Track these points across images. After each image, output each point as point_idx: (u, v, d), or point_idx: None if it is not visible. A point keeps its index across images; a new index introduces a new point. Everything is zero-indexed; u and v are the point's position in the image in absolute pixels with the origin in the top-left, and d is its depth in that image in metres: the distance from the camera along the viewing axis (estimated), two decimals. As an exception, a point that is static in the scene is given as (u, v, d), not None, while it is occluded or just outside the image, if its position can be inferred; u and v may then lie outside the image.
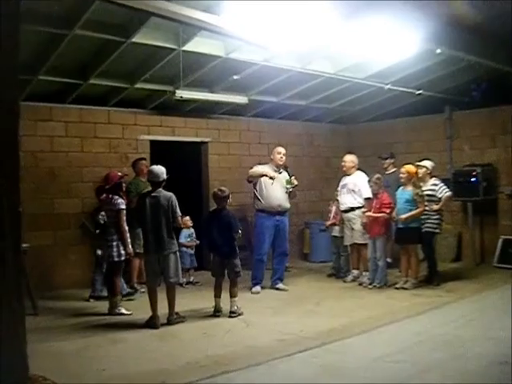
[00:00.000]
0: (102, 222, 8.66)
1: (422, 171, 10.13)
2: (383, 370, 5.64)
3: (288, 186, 9.88)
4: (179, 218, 7.83)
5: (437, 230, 10.06)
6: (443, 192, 10.00)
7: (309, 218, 13.40)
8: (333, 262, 11.20)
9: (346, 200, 10.42)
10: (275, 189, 9.84)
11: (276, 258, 10.10)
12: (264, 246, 9.86)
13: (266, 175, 9.81)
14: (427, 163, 10.27)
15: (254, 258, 10.04)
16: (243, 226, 9.30)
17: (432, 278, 10.00)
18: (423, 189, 9.89)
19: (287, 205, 10.05)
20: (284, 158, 10.06)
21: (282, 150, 10.09)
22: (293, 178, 9.99)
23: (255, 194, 9.96)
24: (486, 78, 11.52)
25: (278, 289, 9.90)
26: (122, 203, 8.26)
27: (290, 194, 10.02)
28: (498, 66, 10.21)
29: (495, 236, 11.72)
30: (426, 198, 9.82)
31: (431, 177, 10.23)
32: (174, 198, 7.75)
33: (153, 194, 7.78)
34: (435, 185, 10.08)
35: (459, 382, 5.27)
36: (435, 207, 9.90)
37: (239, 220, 8.68)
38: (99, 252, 8.94)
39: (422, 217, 9.75)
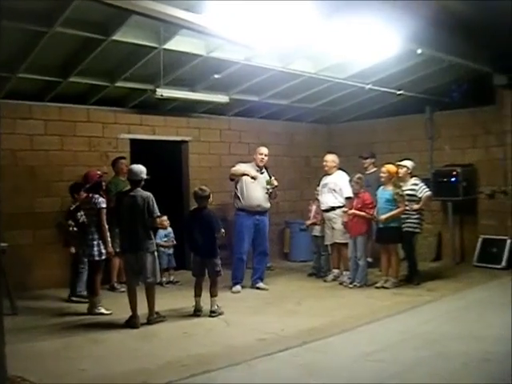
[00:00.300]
0: (80, 221, 8.58)
1: (402, 171, 10.18)
2: (365, 369, 5.66)
3: (268, 187, 9.88)
4: (156, 219, 7.79)
5: (417, 230, 10.11)
6: (423, 192, 10.04)
7: (289, 218, 13.41)
8: (313, 262, 11.22)
9: (327, 199, 10.43)
10: (255, 189, 9.84)
11: (256, 258, 10.10)
12: (244, 245, 9.85)
13: (248, 175, 9.81)
14: (408, 163, 10.31)
15: (233, 258, 10.03)
16: (224, 226, 9.26)
17: (412, 278, 10.05)
18: (404, 188, 9.94)
19: (267, 205, 10.05)
20: (266, 158, 10.05)
21: (263, 150, 10.08)
22: (273, 178, 9.99)
23: (235, 193, 9.95)
24: (466, 79, 11.59)
25: (258, 288, 9.89)
26: (102, 202, 8.22)
27: (271, 195, 10.01)
28: (478, 67, 10.29)
29: (475, 235, 11.81)
30: (407, 197, 9.87)
31: (412, 176, 10.28)
32: (151, 197, 7.68)
33: (130, 194, 7.74)
34: (415, 184, 10.13)
35: (441, 379, 5.29)
36: (415, 207, 9.95)
37: (220, 219, 8.63)
38: (73, 250, 8.89)
39: (403, 216, 9.80)
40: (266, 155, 10.04)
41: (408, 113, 12.78)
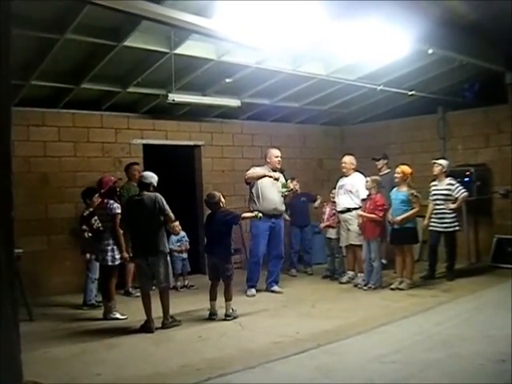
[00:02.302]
0: (95, 226, 8.59)
1: (437, 169, 10.36)
2: (380, 371, 5.63)
3: (283, 190, 9.86)
4: (171, 215, 7.70)
5: (457, 228, 10.38)
6: (460, 192, 10.14)
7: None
8: (328, 264, 11.21)
9: (343, 201, 10.39)
10: (271, 192, 9.82)
11: (271, 261, 10.05)
12: (259, 248, 9.81)
13: (270, 176, 9.78)
14: (443, 162, 10.41)
15: (249, 261, 10.01)
16: (237, 229, 9.27)
17: (450, 274, 10.39)
18: (439, 187, 10.21)
19: (282, 208, 10.03)
20: (280, 159, 10.03)
21: (278, 152, 10.07)
22: (289, 181, 9.98)
23: (251, 197, 9.93)
24: (478, 78, 11.55)
25: (273, 291, 9.87)
26: (117, 207, 8.23)
27: (286, 198, 10.01)
28: (490, 66, 10.24)
29: (490, 235, 11.75)
30: (443, 197, 10.12)
31: (446, 176, 10.33)
32: (159, 197, 7.63)
33: (137, 198, 7.76)
34: (451, 184, 10.24)
35: (456, 381, 5.27)
36: (452, 206, 10.12)
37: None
38: (88, 256, 8.92)
39: (439, 216, 10.14)
40: (278, 156, 10.04)
41: (420, 113, 12.76)
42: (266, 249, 9.94)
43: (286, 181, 9.97)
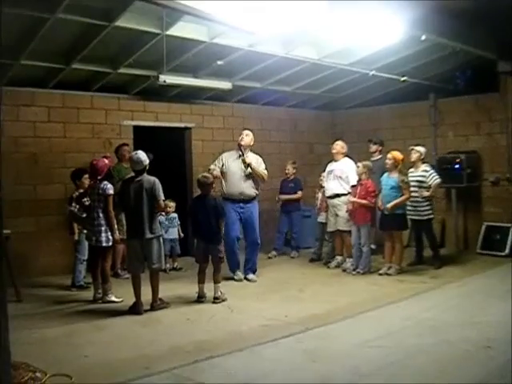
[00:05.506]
0: (87, 204, 8.50)
1: (415, 156, 10.28)
2: (367, 356, 5.66)
3: (243, 167, 9.56)
4: (161, 202, 7.77)
5: (431, 216, 10.25)
6: (433, 179, 10.09)
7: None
8: (316, 248, 11.23)
9: (332, 186, 10.36)
10: (235, 175, 9.56)
11: (247, 248, 9.88)
12: (230, 232, 9.42)
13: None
14: (421, 149, 10.34)
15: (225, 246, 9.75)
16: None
17: (436, 262, 10.32)
18: (414, 174, 10.09)
19: (250, 192, 9.63)
20: (246, 137, 9.72)
21: (244, 131, 9.90)
22: (245, 156, 9.63)
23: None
24: (470, 66, 11.55)
25: (248, 280, 9.64)
26: (111, 188, 8.15)
27: (254, 179, 9.64)
28: (482, 54, 10.23)
29: (478, 222, 11.78)
30: (417, 184, 10.01)
31: (423, 163, 10.30)
32: (157, 182, 7.70)
33: (136, 179, 7.75)
34: (426, 171, 10.18)
35: (444, 366, 5.30)
36: (425, 194, 10.02)
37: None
38: (77, 237, 8.87)
39: (414, 204, 9.95)
40: (246, 135, 9.75)
41: (412, 99, 12.76)
42: (238, 233, 9.68)
43: (243, 157, 9.62)
